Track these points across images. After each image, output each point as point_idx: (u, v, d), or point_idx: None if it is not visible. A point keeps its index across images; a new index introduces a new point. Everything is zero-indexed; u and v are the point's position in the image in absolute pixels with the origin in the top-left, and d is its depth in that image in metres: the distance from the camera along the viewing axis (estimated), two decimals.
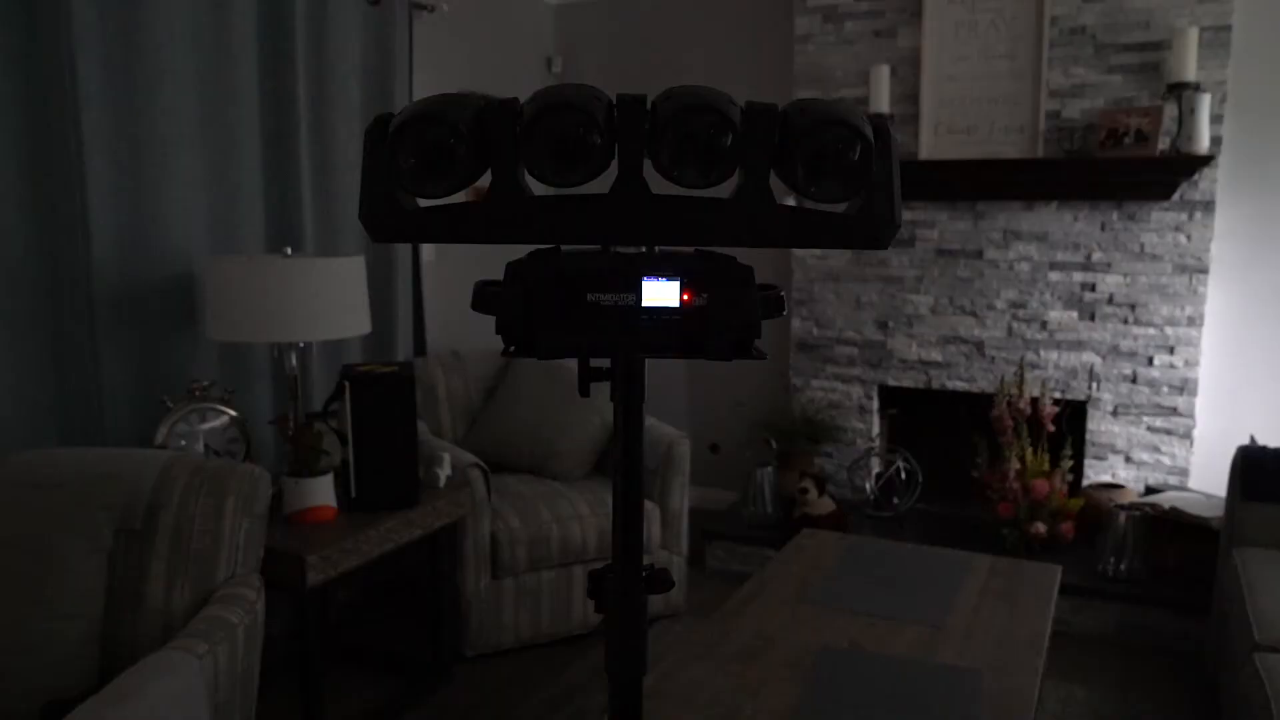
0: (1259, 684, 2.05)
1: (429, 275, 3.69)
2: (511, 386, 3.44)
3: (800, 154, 0.70)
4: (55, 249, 2.29)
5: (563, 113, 0.69)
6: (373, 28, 3.22)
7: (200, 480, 1.88)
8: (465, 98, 0.71)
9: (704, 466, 4.40)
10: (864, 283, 3.84)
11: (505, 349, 0.76)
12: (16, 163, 2.20)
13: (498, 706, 2.67)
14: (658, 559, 3.18)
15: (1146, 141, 3.19)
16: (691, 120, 0.69)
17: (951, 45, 3.52)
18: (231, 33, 2.66)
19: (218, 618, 1.71)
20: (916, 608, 2.21)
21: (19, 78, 2.19)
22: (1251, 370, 3.38)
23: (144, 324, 2.48)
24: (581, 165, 0.69)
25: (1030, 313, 3.58)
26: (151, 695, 1.45)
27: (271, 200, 2.88)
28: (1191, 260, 3.29)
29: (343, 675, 2.85)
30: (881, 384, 3.88)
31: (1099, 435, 3.51)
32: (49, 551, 1.69)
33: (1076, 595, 3.13)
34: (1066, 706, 2.69)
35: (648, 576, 0.86)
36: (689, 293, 0.75)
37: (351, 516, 2.44)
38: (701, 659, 1.97)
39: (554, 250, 0.76)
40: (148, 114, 2.44)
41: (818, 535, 2.74)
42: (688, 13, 4.22)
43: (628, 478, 0.84)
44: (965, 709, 1.76)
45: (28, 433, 2.25)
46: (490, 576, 2.89)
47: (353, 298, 2.49)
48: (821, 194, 0.72)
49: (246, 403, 2.75)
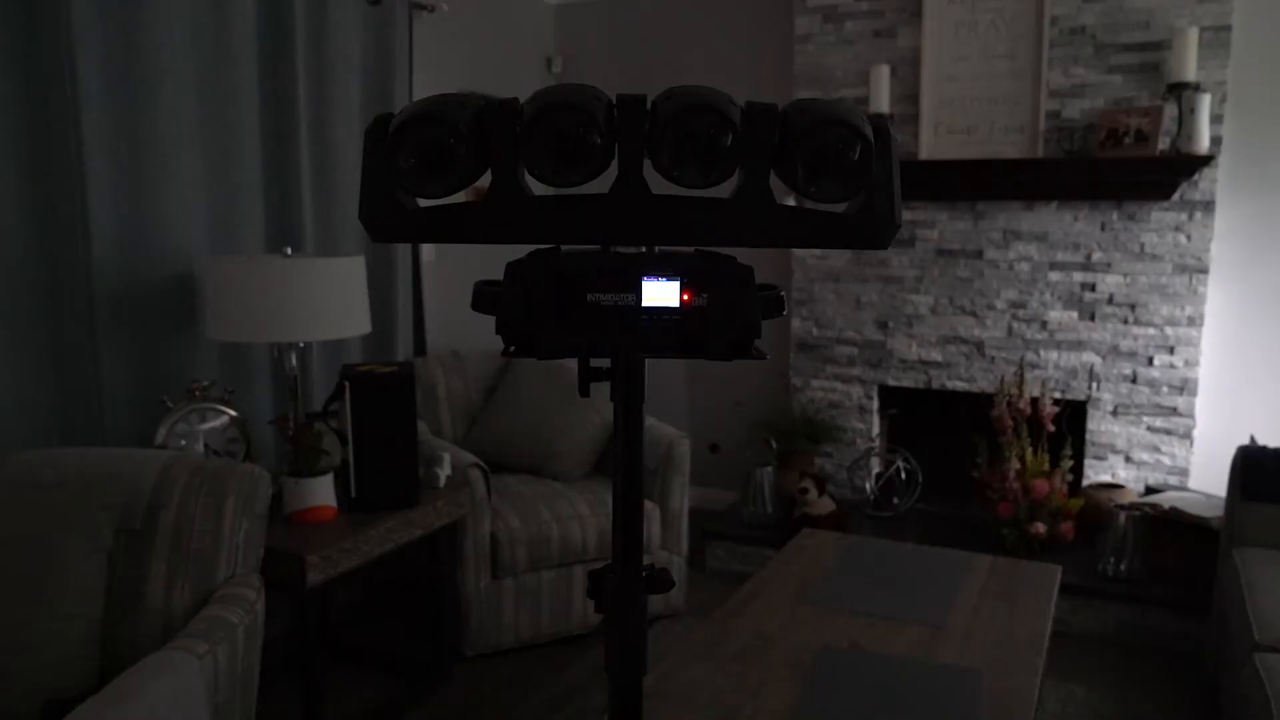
0: (1259, 684, 2.05)
1: (429, 275, 3.69)
2: (511, 386, 3.44)
3: (800, 154, 0.70)
4: (55, 249, 2.29)
5: (563, 113, 0.69)
6: (373, 28, 3.22)
7: (200, 480, 1.88)
8: (465, 98, 0.71)
9: (704, 466, 4.40)
10: (864, 283, 3.84)
11: (505, 349, 0.76)
12: (16, 163, 2.20)
13: (498, 706, 2.67)
14: (658, 559, 3.18)
15: (1146, 141, 3.19)
16: (691, 120, 0.69)
17: (951, 45, 3.52)
18: (231, 33, 2.66)
19: (218, 618, 1.71)
20: (916, 608, 2.21)
21: (19, 78, 2.19)
22: (1251, 370, 3.38)
23: (144, 324, 2.48)
24: (581, 165, 0.69)
25: (1030, 313, 3.58)
26: (151, 695, 1.45)
27: (271, 200, 2.88)
28: (1191, 260, 3.29)
29: (343, 675, 2.85)
30: (881, 384, 3.88)
31: (1099, 435, 3.51)
32: (49, 551, 1.69)
33: (1076, 595, 3.13)
34: (1066, 706, 2.69)
35: (648, 576, 0.86)
36: (689, 293, 0.75)
37: (351, 516, 2.44)
38: (701, 659, 1.97)
39: (554, 250, 0.76)
40: (148, 114, 2.44)
41: (818, 535, 2.74)
42: (688, 13, 4.22)
43: (628, 478, 0.84)
44: (965, 709, 1.76)
45: (28, 433, 2.25)
46: (490, 576, 2.89)
47: (353, 298, 2.49)
48: (821, 194, 0.72)
49: (246, 403, 2.75)
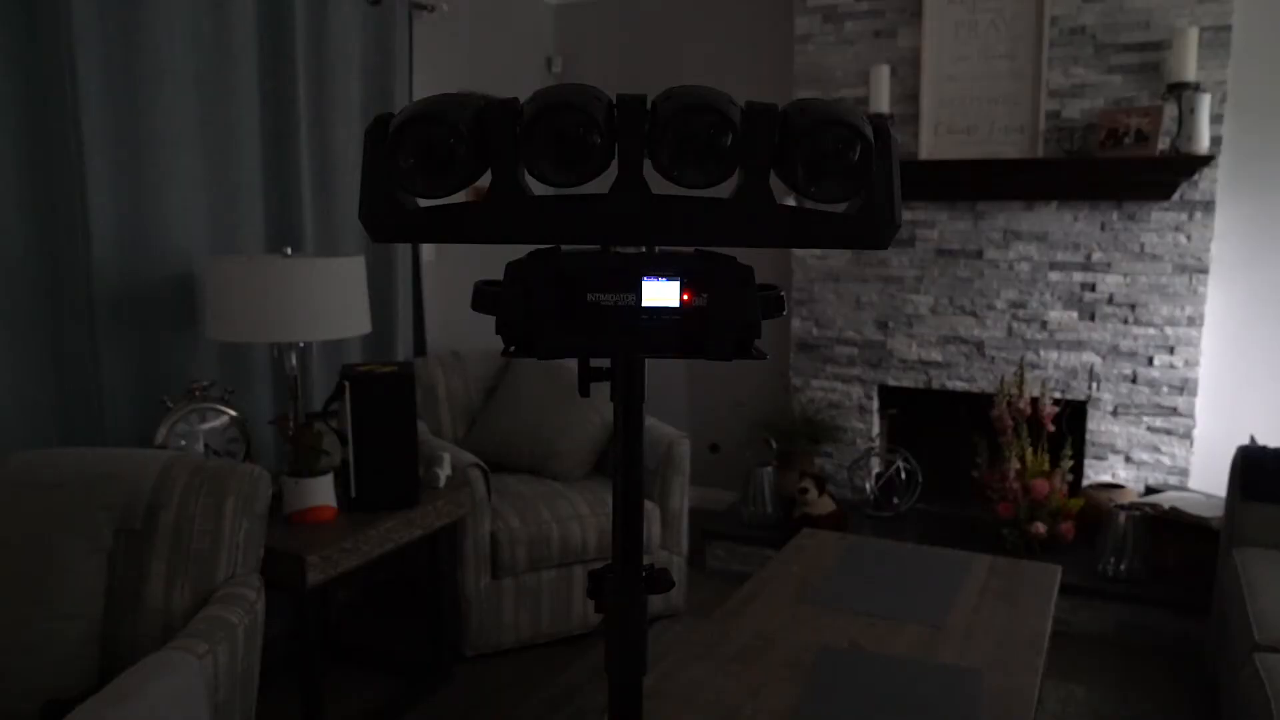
0: (1259, 684, 2.05)
1: (429, 275, 3.69)
2: (511, 386, 3.44)
3: (800, 154, 0.70)
4: (55, 249, 2.29)
5: (563, 113, 0.69)
6: (373, 28, 3.22)
7: (200, 480, 1.88)
8: (465, 98, 0.71)
9: (704, 466, 4.40)
10: (864, 283, 3.84)
11: (505, 349, 0.76)
12: (16, 163, 2.20)
13: (498, 706, 2.67)
14: (658, 559, 3.18)
15: (1146, 141, 3.19)
16: (691, 120, 0.69)
17: (951, 45, 3.52)
18: (231, 33, 2.66)
19: (218, 618, 1.71)
20: (916, 608, 2.21)
21: (19, 78, 2.19)
22: (1251, 370, 3.38)
23: (144, 324, 2.48)
24: (581, 165, 0.69)
25: (1030, 313, 3.58)
26: (151, 695, 1.45)
27: (271, 200, 2.88)
28: (1191, 260, 3.29)
29: (343, 675, 2.85)
30: (881, 384, 3.88)
31: (1099, 435, 3.51)
32: (49, 551, 1.69)
33: (1076, 595, 3.13)
34: (1066, 706, 2.69)
35: (648, 576, 0.86)
36: (689, 293, 0.75)
37: (351, 516, 2.44)
38: (701, 659, 1.97)
39: (554, 250, 0.76)
40: (148, 114, 2.44)
41: (818, 535, 2.74)
42: (688, 13, 4.22)
43: (628, 478, 0.84)
44: (965, 709, 1.76)
45: (28, 433, 2.25)
46: (490, 576, 2.89)
47: (353, 298, 2.49)
48: (821, 194, 0.72)
49: (246, 403, 2.75)
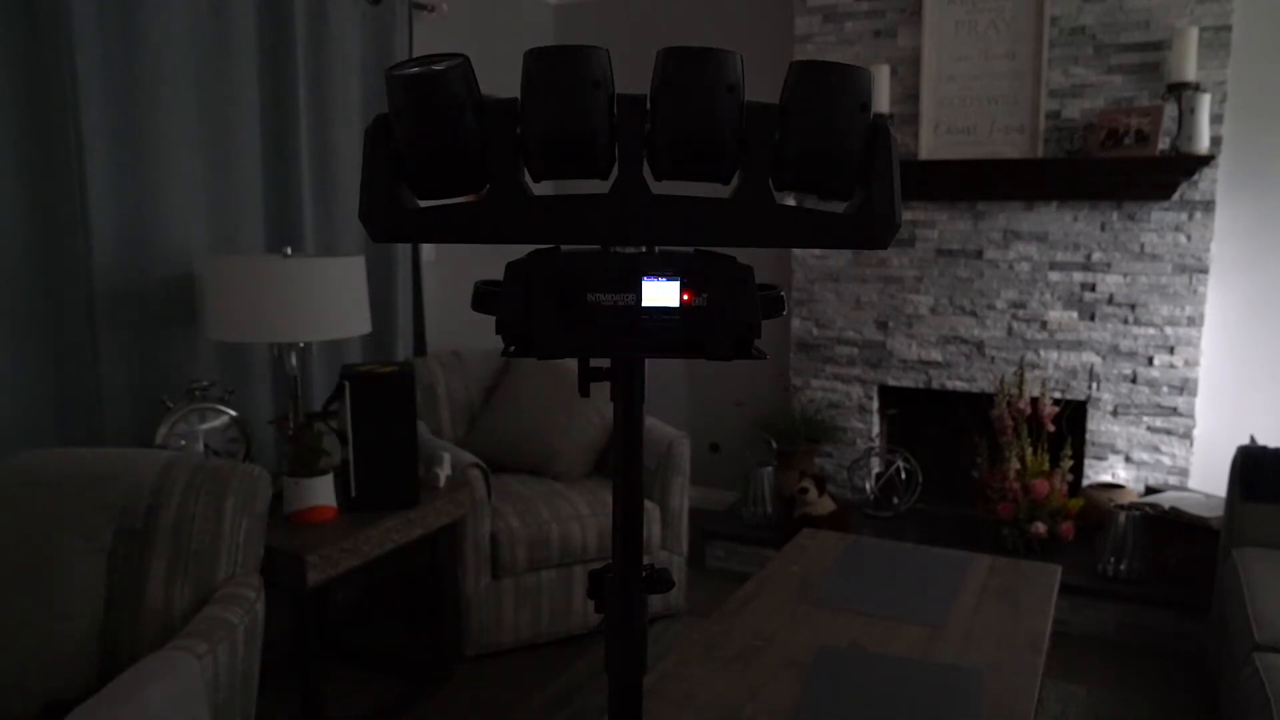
0: (1259, 684, 2.05)
1: (429, 275, 3.69)
2: (511, 386, 3.44)
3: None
4: (55, 249, 2.29)
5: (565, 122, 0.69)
6: (373, 28, 3.22)
7: (200, 480, 1.88)
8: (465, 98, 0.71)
9: (704, 466, 4.40)
10: (864, 283, 3.84)
11: (505, 349, 0.76)
12: (16, 163, 2.20)
13: (498, 707, 2.67)
14: (658, 559, 3.18)
15: (1146, 141, 3.19)
16: (691, 120, 0.69)
17: (951, 45, 3.52)
18: (231, 33, 2.66)
19: (218, 618, 1.71)
20: (916, 608, 2.21)
21: (19, 78, 2.19)
22: (1251, 370, 3.38)
23: (144, 324, 2.48)
24: (581, 165, 0.69)
25: (1030, 313, 3.57)
26: (151, 695, 1.45)
27: (271, 200, 2.88)
28: (1191, 260, 3.29)
29: (343, 675, 2.85)
30: (881, 384, 3.88)
31: (1099, 435, 3.51)
32: (49, 551, 1.69)
33: (1076, 595, 3.13)
34: (1066, 706, 2.69)
35: (648, 576, 0.86)
36: (689, 293, 0.75)
37: (351, 516, 2.44)
38: (701, 659, 1.97)
39: (554, 250, 0.76)
40: (148, 113, 2.44)
41: (818, 535, 2.74)
42: (688, 12, 4.22)
43: (628, 478, 0.84)
44: (965, 709, 1.76)
45: (28, 433, 2.25)
46: (490, 576, 2.89)
47: (353, 298, 2.49)
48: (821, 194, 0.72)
49: (246, 403, 2.75)
